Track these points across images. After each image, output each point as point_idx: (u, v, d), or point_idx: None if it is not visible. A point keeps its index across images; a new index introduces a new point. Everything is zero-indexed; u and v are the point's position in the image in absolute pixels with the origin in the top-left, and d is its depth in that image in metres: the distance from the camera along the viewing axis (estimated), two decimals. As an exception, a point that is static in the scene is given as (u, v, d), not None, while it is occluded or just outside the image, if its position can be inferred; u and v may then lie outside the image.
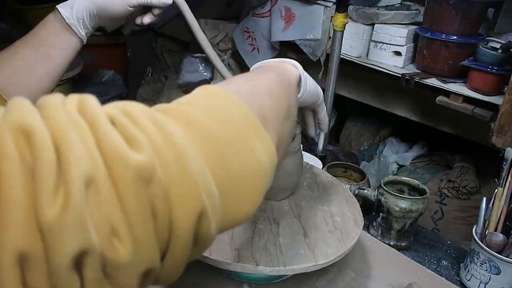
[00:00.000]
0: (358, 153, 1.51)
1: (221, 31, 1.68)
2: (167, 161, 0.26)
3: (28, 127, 0.23)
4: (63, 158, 0.23)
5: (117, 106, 0.28)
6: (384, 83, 1.27)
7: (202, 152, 0.29)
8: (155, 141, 0.26)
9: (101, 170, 0.24)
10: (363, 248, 0.78)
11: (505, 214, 0.72)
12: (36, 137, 0.23)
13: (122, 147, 0.25)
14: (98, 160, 0.24)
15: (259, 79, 0.43)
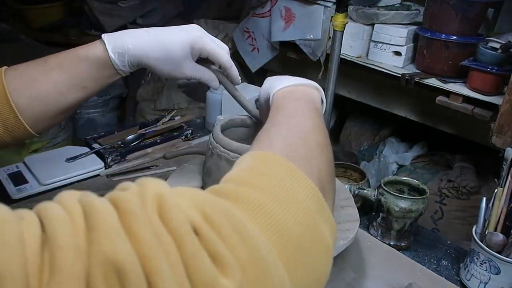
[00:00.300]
0: (358, 153, 1.51)
1: (221, 31, 1.68)
2: (253, 281, 0.26)
3: (119, 263, 0.21)
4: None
5: (195, 204, 0.27)
6: (384, 83, 1.27)
7: (280, 253, 0.28)
8: (241, 256, 0.26)
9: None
10: (363, 248, 0.78)
11: (505, 214, 0.72)
12: (128, 276, 0.21)
13: (211, 274, 0.24)
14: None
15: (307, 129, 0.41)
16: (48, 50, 1.79)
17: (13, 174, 0.91)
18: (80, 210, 0.24)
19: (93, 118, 2.11)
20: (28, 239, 0.22)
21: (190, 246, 0.24)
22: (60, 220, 0.23)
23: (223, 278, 0.24)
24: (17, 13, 2.24)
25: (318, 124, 0.43)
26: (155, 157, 1.03)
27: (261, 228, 0.28)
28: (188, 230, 0.25)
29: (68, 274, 0.21)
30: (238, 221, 0.27)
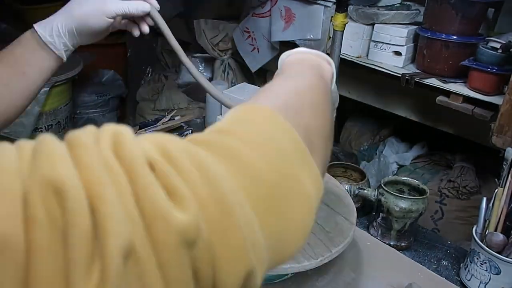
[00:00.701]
0: (358, 153, 1.51)
1: (221, 31, 1.68)
2: (213, 217, 0.24)
3: (59, 183, 0.20)
4: (99, 223, 0.20)
5: (155, 143, 0.25)
6: (384, 83, 1.27)
7: (250, 196, 0.27)
8: (199, 192, 0.24)
9: (141, 235, 0.21)
10: (363, 248, 0.78)
11: (505, 214, 0.72)
12: (68, 197, 0.20)
13: (164, 204, 0.22)
14: (138, 221, 0.22)
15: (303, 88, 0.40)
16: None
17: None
18: (30, 144, 0.23)
19: (93, 118, 2.11)
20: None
21: (142, 178, 0.23)
22: (6, 149, 0.22)
23: (176, 210, 0.22)
24: (17, 13, 2.24)
25: (318, 86, 0.41)
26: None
27: (228, 169, 0.27)
28: (142, 163, 0.23)
29: (3, 192, 0.20)
30: (200, 159, 0.25)
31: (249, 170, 0.28)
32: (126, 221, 0.21)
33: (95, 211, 0.20)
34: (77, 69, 1.57)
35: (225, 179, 0.26)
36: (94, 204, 0.21)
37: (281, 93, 0.38)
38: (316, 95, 0.40)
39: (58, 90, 1.51)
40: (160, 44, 2.19)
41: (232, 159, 0.27)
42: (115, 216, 0.21)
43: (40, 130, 1.71)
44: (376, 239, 0.84)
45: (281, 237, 0.29)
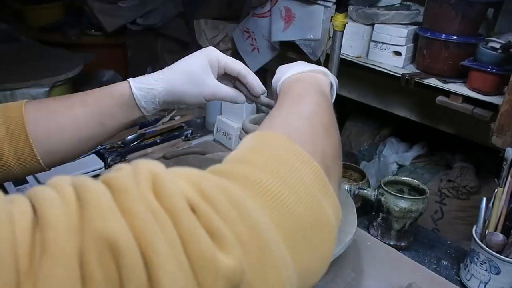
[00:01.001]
0: (358, 153, 1.51)
1: (221, 31, 1.68)
2: (253, 257, 0.25)
3: (113, 240, 0.21)
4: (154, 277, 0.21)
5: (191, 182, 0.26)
6: (384, 83, 1.27)
7: (281, 230, 0.28)
8: (239, 231, 0.25)
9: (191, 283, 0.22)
10: (363, 248, 0.78)
11: (505, 214, 0.72)
12: (124, 253, 0.20)
13: (210, 250, 0.23)
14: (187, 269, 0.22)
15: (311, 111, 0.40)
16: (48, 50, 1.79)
17: (13, 174, 0.91)
18: (72, 190, 0.23)
19: (93, 118, 2.11)
20: (19, 219, 0.21)
21: (186, 222, 0.23)
22: (51, 200, 0.22)
23: (222, 254, 0.23)
24: (17, 13, 2.24)
25: (323, 105, 0.42)
26: (155, 157, 1.03)
27: (260, 204, 0.28)
28: (184, 207, 0.24)
29: (59, 253, 0.20)
30: (235, 197, 0.26)
31: (278, 203, 0.28)
32: (177, 270, 0.22)
33: (149, 263, 0.21)
34: (77, 69, 1.57)
35: (259, 216, 0.27)
36: (147, 256, 0.21)
37: (292, 120, 0.38)
38: (324, 116, 0.41)
39: (59, 90, 1.51)
40: (160, 44, 2.19)
41: (263, 194, 0.28)
42: (168, 267, 0.21)
43: (40, 130, 1.71)
44: (376, 239, 0.84)
45: (309, 267, 0.30)
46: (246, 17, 1.52)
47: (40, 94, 1.41)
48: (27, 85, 1.40)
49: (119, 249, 0.21)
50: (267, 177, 0.29)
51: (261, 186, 0.29)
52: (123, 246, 0.21)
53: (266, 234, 0.26)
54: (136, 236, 0.22)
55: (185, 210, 0.24)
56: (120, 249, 0.21)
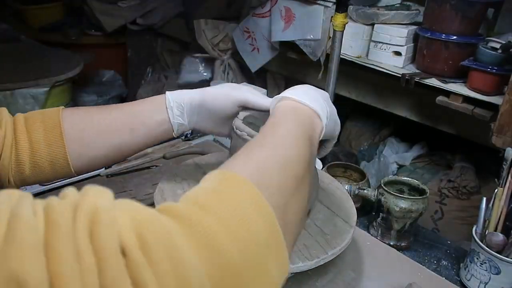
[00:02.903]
0: (358, 153, 1.51)
1: (221, 31, 1.68)
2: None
3: (23, 282, 0.21)
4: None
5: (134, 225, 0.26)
6: (384, 83, 1.27)
7: (216, 285, 0.27)
8: (167, 285, 0.25)
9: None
10: (363, 248, 0.78)
11: (505, 214, 0.72)
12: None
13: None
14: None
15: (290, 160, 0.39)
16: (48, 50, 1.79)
17: (13, 174, 0.91)
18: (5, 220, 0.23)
19: (93, 118, 2.11)
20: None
21: (112, 268, 0.23)
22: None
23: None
24: (17, 13, 2.24)
25: (305, 154, 0.42)
26: (155, 157, 1.03)
27: (200, 256, 0.27)
28: (115, 251, 0.24)
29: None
30: (175, 247, 0.26)
31: (221, 258, 0.28)
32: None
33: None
34: (77, 69, 1.57)
35: (195, 271, 0.26)
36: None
37: (267, 166, 0.37)
38: (300, 167, 0.40)
39: (58, 90, 1.51)
40: (160, 44, 2.19)
41: (207, 245, 0.28)
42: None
43: (40, 130, 1.71)
44: (376, 239, 0.84)
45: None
46: (246, 17, 1.52)
47: (40, 94, 1.41)
48: (27, 85, 1.40)
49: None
50: (216, 227, 0.29)
51: (207, 237, 0.28)
52: (32, 286, 0.21)
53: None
54: (51, 279, 0.22)
55: (114, 255, 0.24)
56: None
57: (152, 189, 0.90)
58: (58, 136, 0.56)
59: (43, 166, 0.56)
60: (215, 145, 1.12)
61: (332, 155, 1.34)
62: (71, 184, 0.91)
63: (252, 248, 0.30)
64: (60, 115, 0.57)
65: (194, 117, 0.63)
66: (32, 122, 0.57)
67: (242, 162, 0.38)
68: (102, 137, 0.59)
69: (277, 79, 1.73)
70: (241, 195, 0.32)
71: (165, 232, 0.26)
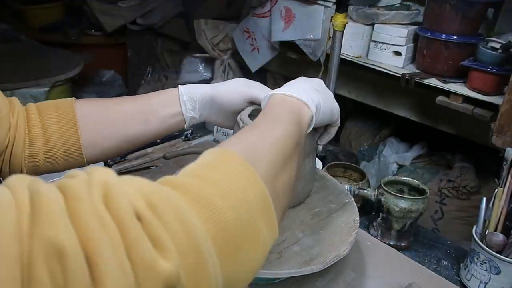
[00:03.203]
0: (358, 153, 1.51)
1: (221, 31, 1.68)
2: (189, 265, 0.28)
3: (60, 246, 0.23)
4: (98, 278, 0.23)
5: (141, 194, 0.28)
6: (384, 83, 1.27)
7: (216, 242, 0.31)
8: (180, 242, 0.28)
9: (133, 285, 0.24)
10: (363, 248, 0.78)
11: (505, 214, 0.72)
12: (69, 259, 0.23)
13: (152, 256, 0.26)
14: (129, 272, 0.25)
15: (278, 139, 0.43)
16: (48, 50, 1.79)
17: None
18: (27, 195, 0.25)
19: (93, 118, 2.10)
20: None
21: (132, 231, 0.26)
22: (5, 205, 0.24)
23: (162, 260, 0.26)
24: (17, 13, 2.24)
25: (292, 136, 0.45)
26: (155, 157, 1.03)
27: (201, 218, 0.31)
28: (131, 217, 0.26)
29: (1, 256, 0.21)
30: (180, 210, 0.29)
31: (218, 218, 0.32)
32: (120, 274, 0.24)
33: (93, 265, 0.23)
34: (77, 69, 1.57)
35: (199, 229, 0.30)
36: (92, 260, 0.23)
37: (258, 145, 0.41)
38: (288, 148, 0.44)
39: (59, 90, 1.51)
40: (160, 44, 2.19)
41: (206, 208, 0.31)
42: (111, 271, 0.24)
43: (40, 130, 1.71)
44: (376, 239, 0.84)
45: (235, 276, 0.34)
46: (246, 17, 1.52)
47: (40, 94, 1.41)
48: (27, 85, 1.40)
49: (65, 254, 0.22)
50: (212, 193, 0.32)
51: (206, 201, 0.31)
52: (69, 251, 0.23)
53: (203, 246, 0.29)
54: (83, 243, 0.24)
55: (132, 220, 0.26)
56: (66, 254, 0.22)
57: (152, 189, 0.90)
58: (73, 126, 0.57)
59: (56, 155, 0.57)
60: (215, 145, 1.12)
61: (332, 155, 1.34)
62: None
63: (245, 211, 0.34)
64: (74, 106, 0.58)
65: (205, 111, 0.65)
66: (46, 111, 0.58)
67: (234, 142, 0.42)
68: (116, 128, 0.60)
69: (277, 79, 1.74)
70: (234, 168, 0.36)
71: (170, 198, 0.30)
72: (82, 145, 0.58)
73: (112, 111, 0.60)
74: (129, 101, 0.62)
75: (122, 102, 0.62)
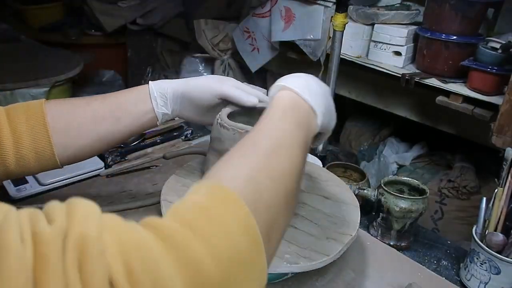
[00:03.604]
0: (358, 153, 1.51)
1: (221, 31, 1.68)
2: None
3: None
4: None
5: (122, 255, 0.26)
6: (384, 83, 1.27)
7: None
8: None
9: None
10: (363, 248, 0.78)
11: (505, 214, 0.72)
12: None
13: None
14: None
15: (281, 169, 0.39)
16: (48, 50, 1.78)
17: (13, 174, 0.91)
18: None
19: (93, 118, 2.10)
20: None
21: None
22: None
23: None
24: (17, 13, 2.24)
25: (298, 166, 0.41)
26: (155, 157, 1.03)
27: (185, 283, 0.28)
28: (103, 283, 0.25)
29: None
30: (161, 278, 0.26)
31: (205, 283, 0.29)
32: None
33: None
34: (77, 69, 1.57)
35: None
36: None
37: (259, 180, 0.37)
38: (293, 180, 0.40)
39: (58, 90, 1.51)
40: (160, 44, 2.19)
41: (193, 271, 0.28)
42: None
43: (40, 130, 1.71)
44: (376, 239, 0.84)
45: None
46: (246, 17, 1.52)
47: (40, 94, 1.41)
48: (27, 85, 1.39)
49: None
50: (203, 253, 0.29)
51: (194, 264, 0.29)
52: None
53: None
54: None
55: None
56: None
57: (152, 189, 0.90)
58: (43, 128, 0.56)
59: (28, 158, 0.56)
60: (215, 145, 1.12)
61: (332, 155, 1.34)
62: (71, 184, 0.91)
63: (235, 268, 0.31)
64: (44, 107, 0.57)
65: (177, 106, 0.64)
66: (15, 114, 0.56)
67: (232, 171, 0.37)
68: (88, 127, 0.59)
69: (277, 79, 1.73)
70: (229, 214, 0.32)
71: (152, 259, 0.27)
72: (54, 147, 0.57)
73: (82, 111, 0.59)
74: (99, 100, 0.61)
75: (92, 102, 0.60)
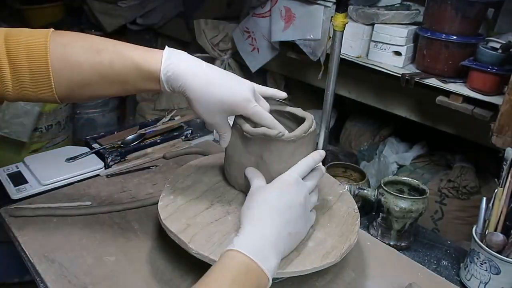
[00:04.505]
0: (358, 153, 1.51)
1: (221, 31, 1.68)
2: None
3: None
4: None
5: None
6: (384, 83, 1.27)
7: None
8: None
9: None
10: (363, 248, 0.78)
11: (505, 214, 0.72)
12: None
13: None
14: None
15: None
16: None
17: (13, 174, 0.91)
18: None
19: (93, 118, 2.11)
20: None
21: None
22: None
23: None
24: (17, 13, 2.24)
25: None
26: (155, 157, 1.03)
27: None
28: None
29: None
30: None
31: None
32: None
33: None
34: (77, 69, 1.56)
35: None
36: None
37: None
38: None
39: (58, 90, 1.51)
40: (160, 44, 2.19)
41: None
42: None
43: (40, 130, 1.71)
44: (376, 239, 0.84)
45: None
46: (246, 17, 1.52)
47: (40, 94, 1.41)
48: (27, 85, 1.39)
49: None
50: None
51: None
52: None
53: None
54: None
55: None
56: None
57: (152, 189, 0.90)
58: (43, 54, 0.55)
59: (24, 79, 0.55)
60: (215, 145, 1.12)
61: (332, 155, 1.34)
62: (71, 184, 0.91)
63: None
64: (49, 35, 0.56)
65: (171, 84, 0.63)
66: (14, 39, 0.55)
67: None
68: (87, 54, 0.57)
69: (277, 79, 1.74)
70: None
71: None
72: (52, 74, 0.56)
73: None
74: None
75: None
